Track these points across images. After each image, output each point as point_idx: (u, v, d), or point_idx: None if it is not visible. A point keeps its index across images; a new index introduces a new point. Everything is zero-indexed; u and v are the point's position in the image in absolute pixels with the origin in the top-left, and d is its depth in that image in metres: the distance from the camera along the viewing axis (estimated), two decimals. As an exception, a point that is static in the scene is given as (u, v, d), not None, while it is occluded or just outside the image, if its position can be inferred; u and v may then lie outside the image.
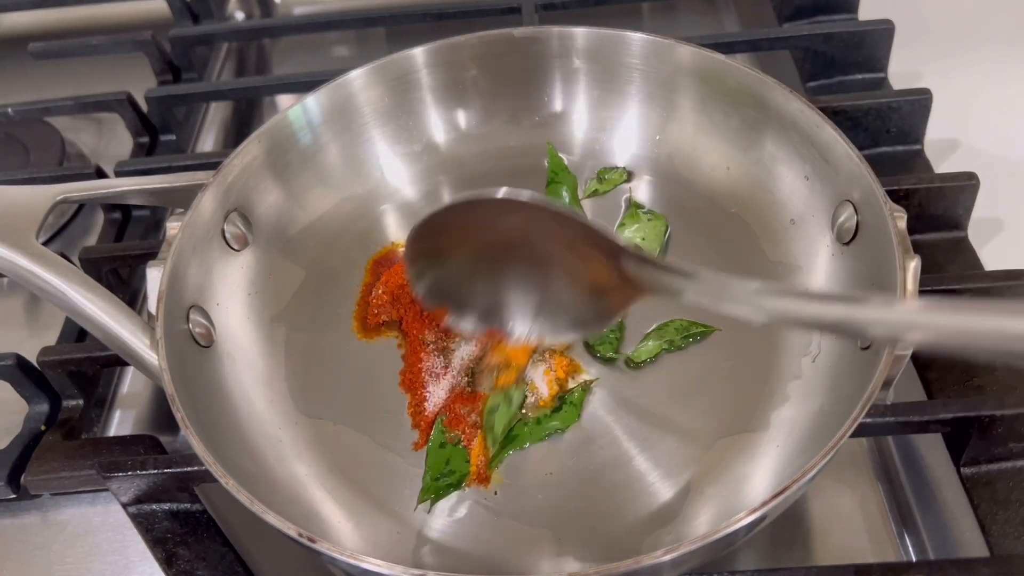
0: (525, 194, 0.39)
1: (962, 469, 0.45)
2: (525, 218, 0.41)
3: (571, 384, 0.50)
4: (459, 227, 0.42)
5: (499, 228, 0.42)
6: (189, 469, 0.46)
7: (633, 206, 0.58)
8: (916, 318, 0.31)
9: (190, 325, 0.48)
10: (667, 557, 0.34)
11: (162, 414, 0.58)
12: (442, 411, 0.49)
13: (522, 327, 0.45)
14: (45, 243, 0.49)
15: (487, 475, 0.47)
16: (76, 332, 0.57)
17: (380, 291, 0.54)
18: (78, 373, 0.54)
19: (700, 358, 0.50)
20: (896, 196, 0.53)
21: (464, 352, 0.51)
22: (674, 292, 0.38)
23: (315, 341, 0.53)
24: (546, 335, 0.45)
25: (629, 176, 0.59)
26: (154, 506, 0.48)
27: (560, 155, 0.61)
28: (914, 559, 0.47)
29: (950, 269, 0.54)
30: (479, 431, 0.48)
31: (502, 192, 0.40)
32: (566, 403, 0.49)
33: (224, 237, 0.52)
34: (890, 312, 0.32)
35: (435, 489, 0.46)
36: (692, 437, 0.47)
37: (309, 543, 0.36)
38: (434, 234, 0.43)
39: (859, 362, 0.43)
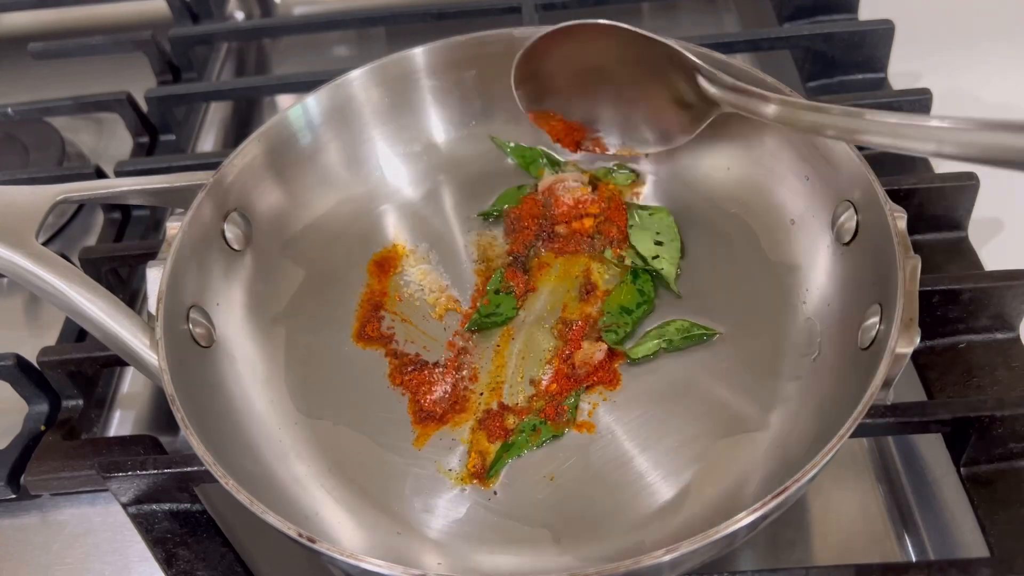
0: (603, 21, 0.52)
1: (962, 469, 0.45)
2: (609, 42, 0.52)
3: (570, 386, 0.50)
4: (555, 52, 0.54)
5: (589, 52, 0.53)
6: (189, 469, 0.46)
7: (632, 206, 0.58)
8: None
9: (190, 325, 0.48)
10: (667, 557, 0.34)
11: (162, 414, 0.58)
12: (503, 266, 0.55)
13: (613, 139, 0.57)
14: (45, 243, 0.49)
15: (486, 476, 0.47)
16: (76, 332, 0.57)
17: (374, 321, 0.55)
18: (78, 373, 0.54)
19: (700, 358, 0.50)
20: (896, 196, 0.53)
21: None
22: (750, 110, 0.47)
23: (315, 341, 0.53)
24: (633, 146, 0.56)
25: (635, 181, 0.59)
26: (154, 506, 0.48)
27: (508, 142, 0.61)
28: (914, 559, 0.47)
29: (950, 269, 0.54)
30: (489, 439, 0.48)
31: (577, 22, 0.52)
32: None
33: (224, 237, 0.52)
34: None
35: (482, 323, 0.52)
36: (692, 437, 0.47)
37: (309, 543, 0.36)
38: (534, 58, 0.54)
39: (859, 362, 0.43)
